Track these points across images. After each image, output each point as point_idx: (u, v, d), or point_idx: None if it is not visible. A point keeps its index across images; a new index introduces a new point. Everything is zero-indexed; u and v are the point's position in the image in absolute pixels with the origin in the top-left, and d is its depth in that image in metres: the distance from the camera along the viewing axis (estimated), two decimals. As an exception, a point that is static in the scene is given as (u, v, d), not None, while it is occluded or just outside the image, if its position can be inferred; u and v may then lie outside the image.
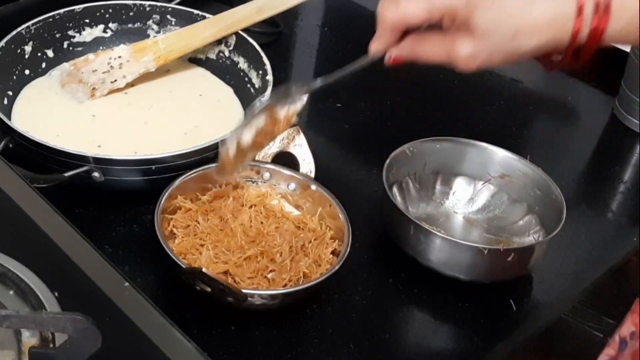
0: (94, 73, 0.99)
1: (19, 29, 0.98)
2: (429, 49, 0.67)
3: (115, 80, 0.99)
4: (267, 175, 0.87)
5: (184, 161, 0.84)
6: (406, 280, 0.84)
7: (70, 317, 0.52)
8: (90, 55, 1.01)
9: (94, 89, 0.98)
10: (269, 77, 0.96)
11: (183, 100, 1.01)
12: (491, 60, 0.65)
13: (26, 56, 0.99)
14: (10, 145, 0.85)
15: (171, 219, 0.82)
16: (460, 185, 0.92)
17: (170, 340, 0.55)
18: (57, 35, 1.02)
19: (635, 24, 0.61)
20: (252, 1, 1.04)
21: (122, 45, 1.04)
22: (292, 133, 0.88)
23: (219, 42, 1.05)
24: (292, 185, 0.86)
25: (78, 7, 1.03)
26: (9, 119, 0.92)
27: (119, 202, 0.87)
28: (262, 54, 0.99)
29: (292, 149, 0.88)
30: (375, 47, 0.68)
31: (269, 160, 0.87)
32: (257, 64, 0.99)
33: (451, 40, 0.65)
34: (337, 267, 0.76)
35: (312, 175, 0.87)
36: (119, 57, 1.01)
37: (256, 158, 0.87)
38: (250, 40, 1.01)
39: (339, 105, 1.08)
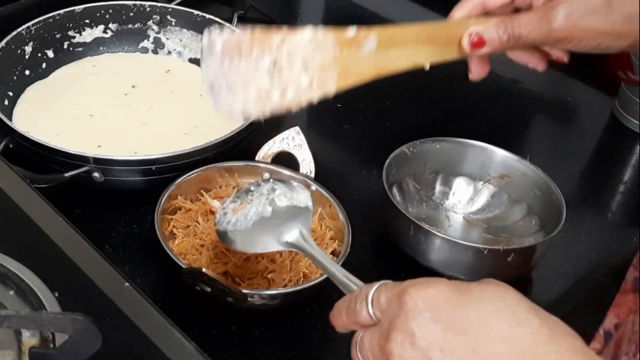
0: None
1: (19, 29, 0.98)
2: (525, 21, 0.64)
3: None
4: (267, 175, 0.87)
5: (184, 161, 0.84)
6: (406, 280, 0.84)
7: (70, 317, 0.52)
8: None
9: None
10: (269, 77, 0.96)
11: (183, 101, 1.01)
12: (584, 25, 0.63)
13: (26, 57, 0.99)
14: (11, 146, 0.85)
15: (171, 219, 0.82)
16: (460, 185, 0.92)
17: (170, 340, 0.55)
18: (58, 36, 1.02)
19: None
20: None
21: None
22: (292, 133, 0.88)
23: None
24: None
25: (78, 8, 1.03)
26: (10, 119, 0.92)
27: (119, 202, 0.87)
28: (262, 54, 0.99)
29: (292, 149, 0.88)
30: (459, 12, 0.67)
31: (269, 160, 0.87)
32: (257, 64, 0.99)
33: (546, 9, 0.63)
34: (337, 267, 0.76)
35: (312, 175, 0.87)
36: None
37: (256, 158, 0.87)
38: (250, 40, 1.01)
39: (339, 105, 1.08)
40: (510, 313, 0.45)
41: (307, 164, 0.87)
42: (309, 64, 0.61)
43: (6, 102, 0.96)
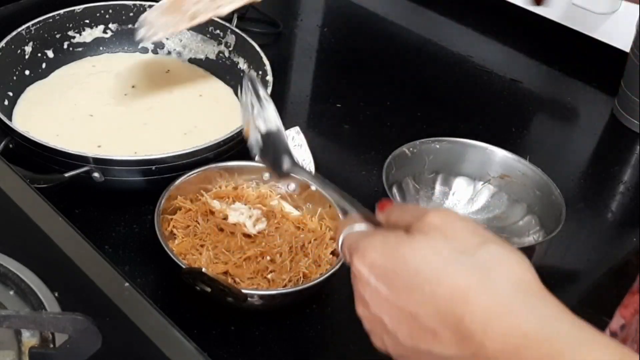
0: (196, 4, 0.93)
1: (19, 29, 0.98)
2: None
3: (220, 7, 0.92)
4: (267, 175, 0.87)
5: (184, 161, 0.84)
6: (406, 281, 0.84)
7: (70, 317, 0.52)
8: None
9: (194, 14, 0.91)
10: (269, 77, 0.96)
11: (183, 101, 1.01)
12: None
13: (26, 57, 0.99)
14: (11, 146, 0.85)
15: (171, 219, 0.82)
16: (460, 185, 0.92)
17: (170, 340, 0.55)
18: (57, 36, 1.02)
19: None
20: None
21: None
22: (292, 133, 0.88)
23: (219, 42, 1.05)
24: (292, 186, 0.86)
25: (78, 8, 1.03)
26: (10, 119, 0.92)
27: (119, 202, 0.87)
28: (262, 54, 0.99)
29: (292, 149, 0.88)
30: None
31: (269, 160, 0.87)
32: (257, 64, 0.99)
33: None
34: (336, 268, 0.76)
35: (312, 175, 0.87)
36: None
37: (256, 158, 0.87)
38: (250, 40, 1.01)
39: (339, 105, 1.08)
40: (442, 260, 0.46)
41: (307, 164, 0.87)
42: None
43: (6, 102, 0.96)
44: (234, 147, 0.88)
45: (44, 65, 1.02)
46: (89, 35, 1.05)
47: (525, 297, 0.44)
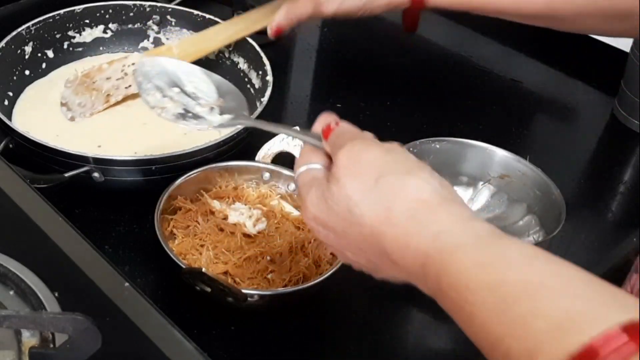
0: (108, 80, 0.99)
1: (19, 29, 0.98)
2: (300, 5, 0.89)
3: (130, 86, 0.98)
4: (267, 175, 0.87)
5: (184, 161, 0.84)
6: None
7: (70, 317, 0.52)
8: (104, 65, 1.01)
9: (108, 95, 0.98)
10: (269, 77, 0.96)
11: (183, 101, 1.01)
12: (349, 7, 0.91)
13: (26, 57, 0.99)
14: (11, 146, 0.85)
15: (171, 219, 0.82)
16: (460, 185, 0.92)
17: (170, 340, 0.55)
18: (57, 36, 1.02)
19: None
20: (266, 4, 1.03)
21: (136, 53, 1.04)
22: (292, 133, 0.88)
23: (219, 42, 1.05)
24: (292, 186, 0.86)
25: (78, 8, 1.03)
26: (10, 119, 0.92)
27: (119, 202, 0.87)
28: (262, 54, 0.99)
29: (292, 149, 0.88)
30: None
31: (269, 160, 0.87)
32: (257, 64, 0.99)
33: None
34: (336, 268, 0.76)
35: (312, 175, 0.86)
36: (133, 64, 1.00)
37: (256, 158, 0.87)
38: (250, 40, 1.01)
39: (339, 105, 1.08)
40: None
41: (307, 164, 0.87)
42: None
43: (6, 102, 0.96)
44: (234, 147, 0.88)
45: (44, 65, 1.02)
46: (89, 35, 1.05)
47: (422, 218, 0.50)
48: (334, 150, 0.57)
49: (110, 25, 1.06)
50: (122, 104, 0.99)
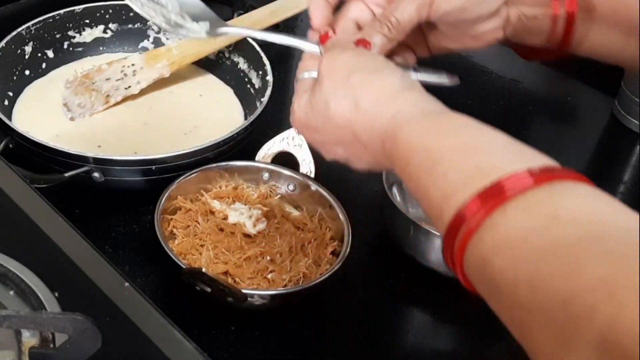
0: (107, 81, 0.99)
1: (19, 29, 0.98)
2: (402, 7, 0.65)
3: (129, 87, 0.98)
4: (267, 175, 0.87)
5: (184, 161, 0.84)
6: (406, 280, 0.84)
7: (70, 317, 0.52)
8: (104, 65, 1.01)
9: (108, 96, 0.97)
10: (269, 77, 0.96)
11: (183, 101, 1.01)
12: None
13: (26, 57, 0.99)
14: (11, 146, 0.85)
15: (171, 219, 0.82)
16: (460, 185, 0.92)
17: (170, 340, 0.55)
18: (57, 36, 1.02)
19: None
20: (266, 5, 1.04)
21: (135, 54, 1.03)
22: (292, 133, 0.88)
23: (219, 42, 1.05)
24: (292, 186, 0.86)
25: (78, 8, 1.03)
26: (10, 119, 0.92)
27: (119, 202, 0.87)
28: (262, 54, 0.99)
29: (292, 149, 0.88)
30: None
31: (269, 160, 0.87)
32: (257, 64, 0.99)
33: None
34: (336, 268, 0.76)
35: (312, 175, 0.87)
36: (132, 64, 1.00)
37: (256, 158, 0.87)
38: (250, 40, 1.01)
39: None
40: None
41: (307, 164, 0.87)
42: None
43: (6, 102, 0.96)
44: (234, 147, 0.88)
45: (44, 65, 1.02)
46: (89, 35, 1.05)
47: (383, 104, 0.57)
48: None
49: (110, 25, 1.06)
50: (122, 104, 0.99)
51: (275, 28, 1.18)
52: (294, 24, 1.26)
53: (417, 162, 0.53)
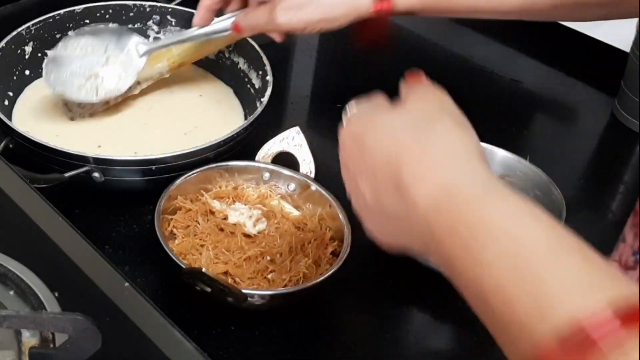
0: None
1: (19, 29, 0.98)
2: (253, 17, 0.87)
3: (130, 88, 0.98)
4: (266, 175, 0.87)
5: (184, 161, 0.84)
6: (406, 280, 0.84)
7: (70, 317, 0.52)
8: None
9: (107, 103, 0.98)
10: (269, 77, 0.96)
11: (183, 101, 1.01)
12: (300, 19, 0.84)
13: (26, 57, 0.99)
14: (11, 146, 0.85)
15: (171, 219, 0.82)
16: (460, 185, 0.92)
17: (170, 340, 0.55)
18: (58, 36, 1.02)
19: None
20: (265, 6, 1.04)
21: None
22: (292, 133, 0.88)
23: (219, 42, 1.05)
24: (292, 186, 0.86)
25: (78, 8, 1.03)
26: (10, 119, 0.92)
27: (119, 202, 0.87)
28: (262, 54, 0.99)
29: (292, 149, 0.88)
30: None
31: (269, 160, 0.87)
32: (257, 64, 0.99)
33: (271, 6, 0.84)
34: (336, 268, 0.76)
35: (312, 175, 0.87)
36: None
37: (256, 158, 0.87)
38: (250, 40, 1.01)
39: (339, 105, 1.08)
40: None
41: (307, 164, 0.87)
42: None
43: (6, 102, 0.96)
44: (234, 147, 0.88)
45: (44, 65, 1.02)
46: (89, 35, 1.05)
47: (456, 160, 0.50)
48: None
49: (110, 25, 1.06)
50: (122, 104, 0.99)
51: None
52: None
53: (487, 243, 0.46)
